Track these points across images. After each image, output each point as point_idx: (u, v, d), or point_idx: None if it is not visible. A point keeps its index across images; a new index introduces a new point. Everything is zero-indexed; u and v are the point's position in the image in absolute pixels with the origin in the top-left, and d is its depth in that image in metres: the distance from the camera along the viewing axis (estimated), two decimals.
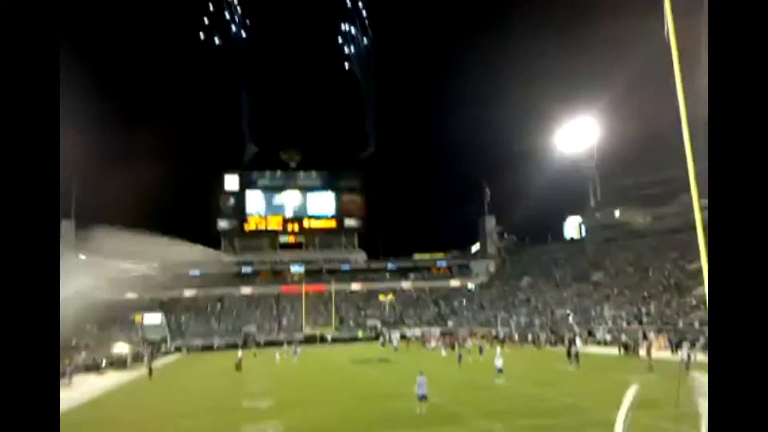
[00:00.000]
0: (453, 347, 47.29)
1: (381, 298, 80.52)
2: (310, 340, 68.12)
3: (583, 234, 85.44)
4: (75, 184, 79.34)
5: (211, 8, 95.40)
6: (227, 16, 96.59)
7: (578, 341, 42.57)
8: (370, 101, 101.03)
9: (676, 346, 36.21)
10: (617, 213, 77.78)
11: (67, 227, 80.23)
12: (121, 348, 54.12)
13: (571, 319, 58.77)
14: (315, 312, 76.67)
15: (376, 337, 67.10)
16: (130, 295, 78.34)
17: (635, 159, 72.68)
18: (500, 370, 26.79)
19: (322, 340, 69.46)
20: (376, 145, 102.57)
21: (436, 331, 69.63)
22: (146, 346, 59.67)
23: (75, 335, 61.42)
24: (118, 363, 47.45)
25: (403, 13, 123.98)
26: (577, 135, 76.57)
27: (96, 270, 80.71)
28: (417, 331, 70.79)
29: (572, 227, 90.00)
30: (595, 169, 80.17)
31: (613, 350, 40.32)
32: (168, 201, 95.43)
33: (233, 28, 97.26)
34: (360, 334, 72.56)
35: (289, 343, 60.75)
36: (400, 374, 31.17)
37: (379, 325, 75.31)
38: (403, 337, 66.90)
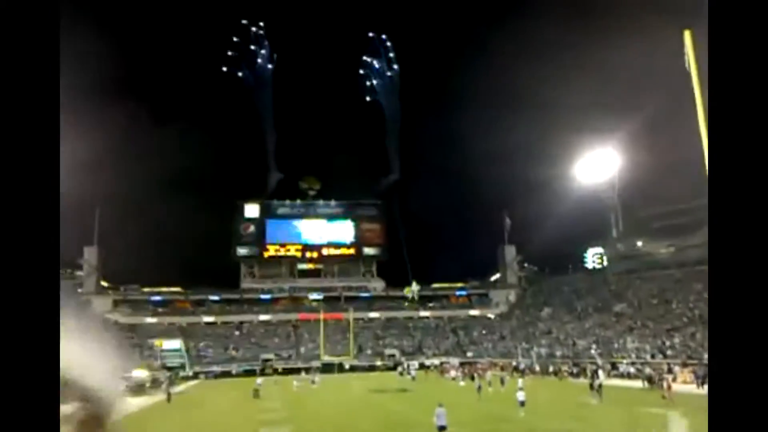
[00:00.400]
0: (472, 378, 46.62)
1: (407, 291, 77.66)
2: (328, 367, 67.67)
3: (605, 264, 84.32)
4: (98, 212, 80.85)
5: (236, 39, 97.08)
6: (253, 47, 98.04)
7: (601, 373, 41.75)
8: (393, 129, 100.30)
9: (702, 381, 35.32)
10: (639, 243, 76.83)
11: (90, 253, 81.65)
12: (140, 373, 54.16)
13: (593, 350, 57.74)
14: (333, 340, 76.22)
15: (395, 366, 66.40)
16: (150, 320, 78.86)
17: (658, 189, 72.10)
18: (522, 403, 25.70)
19: (340, 368, 68.98)
20: (397, 173, 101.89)
21: (455, 361, 68.72)
22: (165, 371, 59.70)
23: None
24: (137, 388, 47.45)
25: (425, 43, 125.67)
26: (598, 165, 76.31)
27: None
28: (436, 361, 69.98)
29: (593, 258, 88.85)
30: (617, 199, 79.59)
31: (637, 383, 39.49)
32: (189, 228, 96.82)
33: (259, 60, 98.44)
34: (378, 362, 71.93)
35: (308, 370, 60.34)
36: (419, 404, 30.77)
37: (397, 354, 74.61)
38: (422, 366, 66.16)
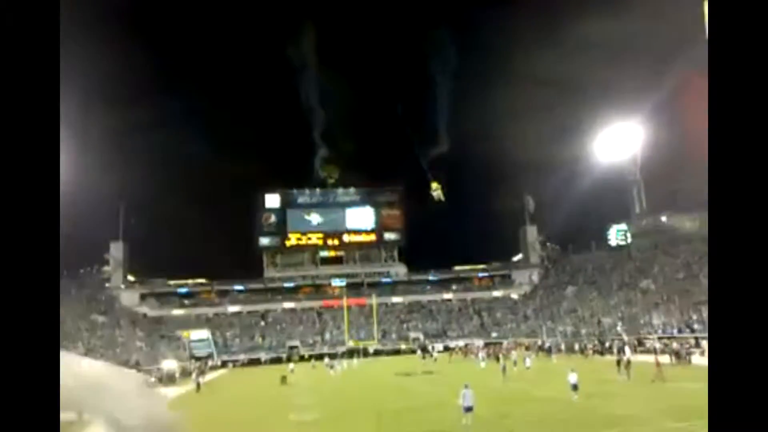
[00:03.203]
0: (497, 359, 46.57)
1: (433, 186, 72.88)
2: (352, 353, 68.22)
3: (629, 241, 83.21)
4: (123, 206, 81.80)
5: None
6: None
7: (627, 350, 41.39)
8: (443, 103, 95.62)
9: None
10: (664, 218, 75.68)
11: (116, 248, 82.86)
12: (169, 364, 55.17)
13: (619, 327, 57.29)
14: (357, 325, 76.76)
15: (420, 350, 66.62)
16: (177, 312, 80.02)
17: (681, 162, 70.75)
18: (575, 387, 23.17)
19: (365, 353, 69.51)
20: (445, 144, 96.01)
21: (479, 342, 68.65)
22: (194, 361, 60.72)
23: (125, 352, 63.11)
24: (167, 379, 48.37)
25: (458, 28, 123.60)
26: (620, 140, 75.07)
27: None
28: (461, 343, 70.03)
29: (617, 234, 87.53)
30: (639, 173, 78.31)
31: (664, 359, 39.06)
32: (212, 220, 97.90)
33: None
34: (403, 346, 72.28)
35: (332, 356, 60.83)
36: (445, 386, 30.87)
37: (422, 337, 74.85)
38: (446, 348, 66.29)
